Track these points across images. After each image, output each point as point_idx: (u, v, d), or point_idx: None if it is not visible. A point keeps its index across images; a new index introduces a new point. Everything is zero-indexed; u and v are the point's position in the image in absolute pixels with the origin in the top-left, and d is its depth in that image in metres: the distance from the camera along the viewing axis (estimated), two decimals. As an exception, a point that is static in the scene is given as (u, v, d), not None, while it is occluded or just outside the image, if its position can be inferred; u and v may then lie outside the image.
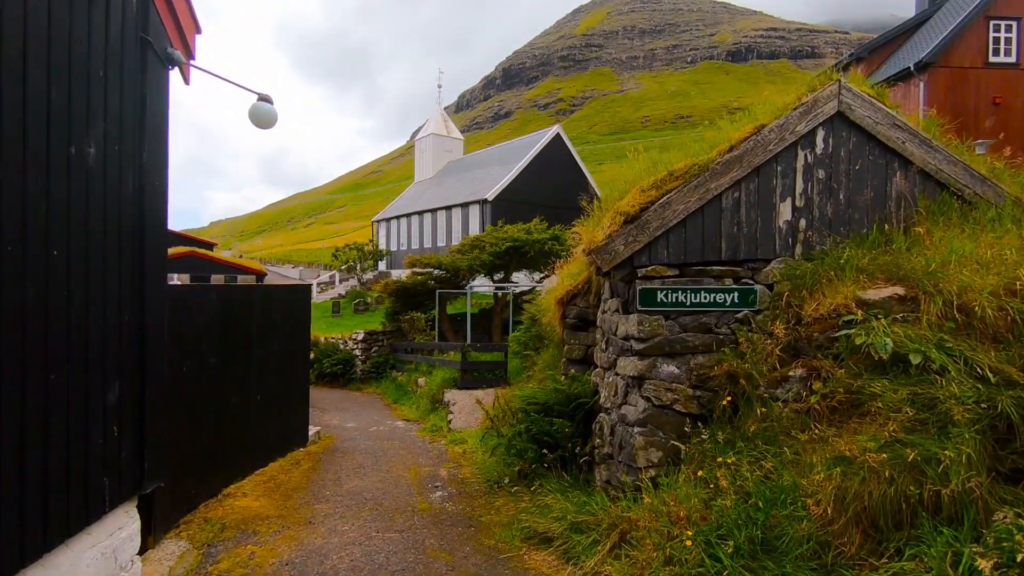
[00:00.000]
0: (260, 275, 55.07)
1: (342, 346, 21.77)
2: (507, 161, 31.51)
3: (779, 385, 4.26)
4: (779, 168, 4.88)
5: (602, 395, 5.89)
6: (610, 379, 5.62)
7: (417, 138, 41.14)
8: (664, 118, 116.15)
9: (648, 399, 4.79)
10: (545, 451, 6.20)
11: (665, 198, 4.82)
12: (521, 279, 22.74)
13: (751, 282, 4.87)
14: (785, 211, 4.89)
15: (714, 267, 4.85)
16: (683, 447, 4.49)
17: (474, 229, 28.04)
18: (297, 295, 9.74)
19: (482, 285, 21.49)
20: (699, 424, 4.65)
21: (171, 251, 48.85)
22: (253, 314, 7.97)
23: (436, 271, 19.49)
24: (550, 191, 29.34)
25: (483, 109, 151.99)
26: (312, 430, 11.01)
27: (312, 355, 21.47)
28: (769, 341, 4.50)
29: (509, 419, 7.17)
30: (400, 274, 27.49)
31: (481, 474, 7.66)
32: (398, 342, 20.36)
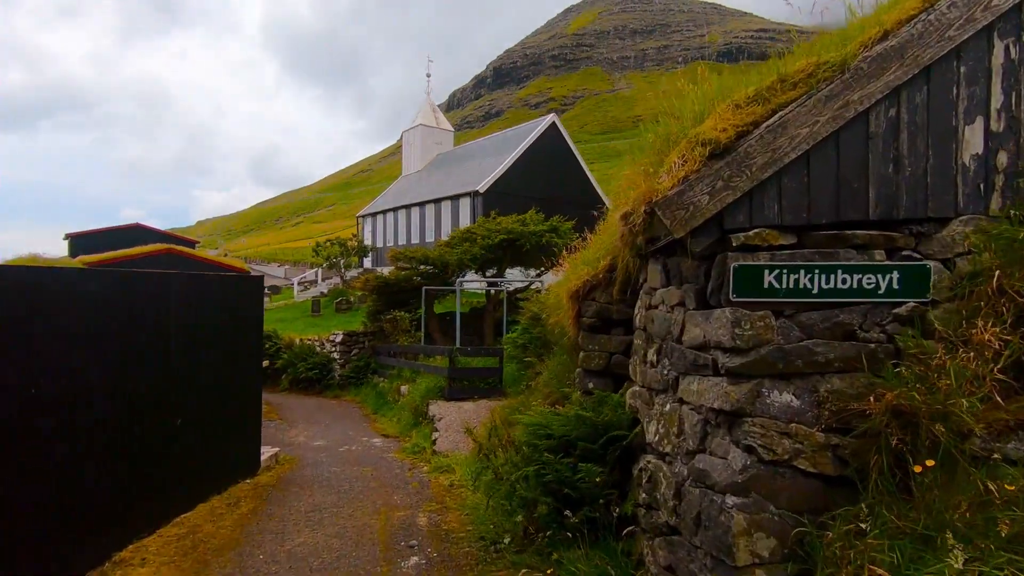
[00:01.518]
0: (243, 273, 52.82)
1: (319, 348, 19.74)
2: (500, 152, 29.59)
3: (1011, 435, 2.37)
4: (963, 68, 2.99)
5: (650, 429, 3.99)
6: (667, 408, 3.71)
7: (405, 130, 39.12)
8: (656, 118, 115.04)
9: (750, 449, 2.88)
10: (567, 511, 4.28)
11: (777, 118, 2.92)
12: (515, 275, 20.79)
13: (917, 255, 2.98)
14: (974, 139, 3.00)
15: (856, 232, 2.95)
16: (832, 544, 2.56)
17: (464, 223, 26.08)
18: (243, 287, 7.76)
19: (473, 281, 19.57)
20: (840, 495, 2.75)
21: (146, 248, 46.49)
22: (170, 311, 5.99)
23: (423, 266, 17.52)
24: (545, 183, 27.44)
25: (473, 108, 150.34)
26: (268, 452, 9.04)
27: (286, 358, 19.41)
28: (970, 356, 2.60)
29: (510, 453, 5.24)
30: (386, 271, 25.53)
31: (473, 525, 5.72)
32: (380, 344, 18.35)
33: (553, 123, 29.62)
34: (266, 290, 39.53)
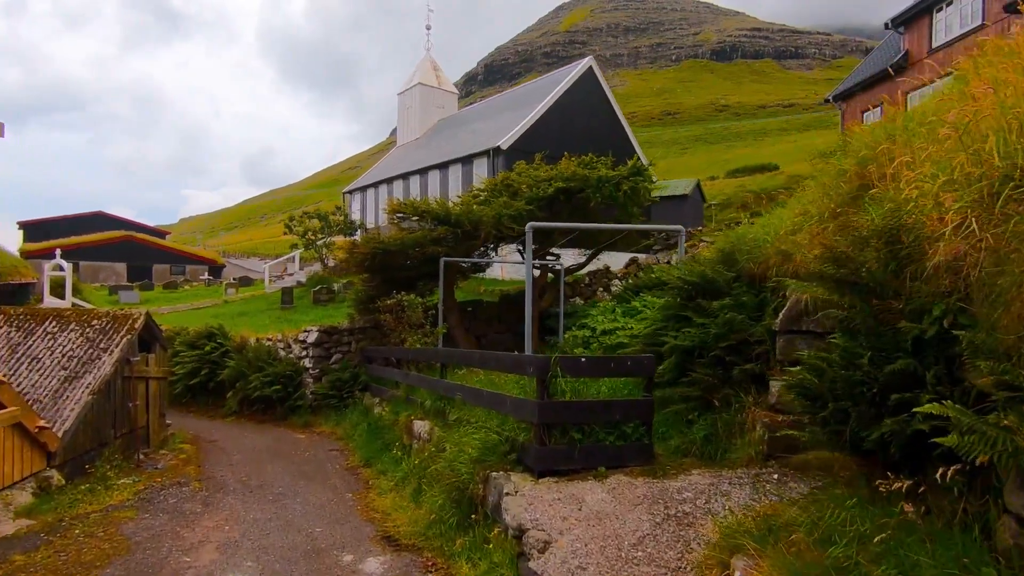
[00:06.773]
0: (216, 265, 45.62)
1: (283, 352, 13.39)
2: (523, 105, 23.46)
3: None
4: None
5: None
6: None
7: (400, 92, 32.79)
8: (651, 114, 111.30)
9: None
10: None
11: None
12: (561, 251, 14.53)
13: None
14: None
15: None
16: None
17: (483, 188, 19.90)
18: None
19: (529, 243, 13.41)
20: None
21: (105, 235, 39.42)
22: None
23: (440, 226, 11.29)
24: (582, 140, 21.25)
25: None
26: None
27: (233, 366, 13.01)
28: None
29: None
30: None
31: None
32: (375, 346, 12.12)
33: (590, 68, 23.51)
34: (233, 280, 32.84)
